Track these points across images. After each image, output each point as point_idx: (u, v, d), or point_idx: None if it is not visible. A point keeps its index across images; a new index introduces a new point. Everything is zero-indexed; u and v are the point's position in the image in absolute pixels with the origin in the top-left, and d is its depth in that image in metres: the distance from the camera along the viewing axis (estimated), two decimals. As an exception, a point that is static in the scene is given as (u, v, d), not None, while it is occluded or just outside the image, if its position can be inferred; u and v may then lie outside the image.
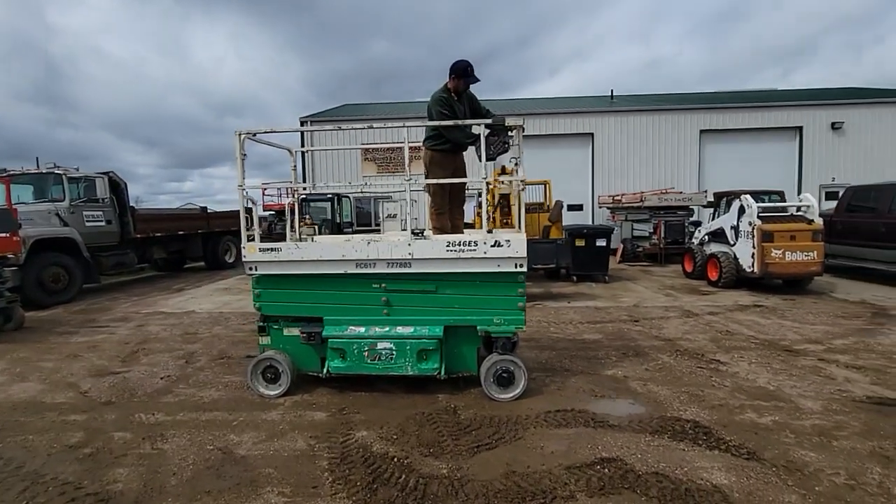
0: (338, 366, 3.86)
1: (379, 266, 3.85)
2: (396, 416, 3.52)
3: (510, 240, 3.67)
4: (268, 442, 3.17)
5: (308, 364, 4.10)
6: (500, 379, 3.79)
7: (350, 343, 3.83)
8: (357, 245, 3.85)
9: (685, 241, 12.14)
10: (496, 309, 3.82)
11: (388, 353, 3.81)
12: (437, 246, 3.76)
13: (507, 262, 3.71)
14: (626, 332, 5.80)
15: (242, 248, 4.05)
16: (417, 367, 3.78)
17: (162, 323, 6.83)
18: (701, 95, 20.42)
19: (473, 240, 3.72)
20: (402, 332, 3.84)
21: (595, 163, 16.71)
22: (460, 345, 3.97)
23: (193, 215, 12.63)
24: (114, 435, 3.30)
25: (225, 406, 3.78)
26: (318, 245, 4.00)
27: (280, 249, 3.93)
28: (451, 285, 3.86)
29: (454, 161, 4.53)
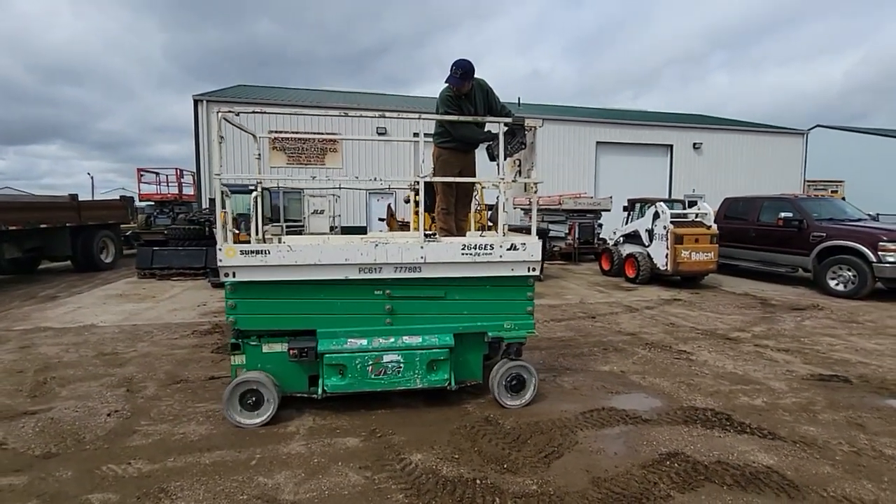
0: (337, 384, 3.44)
1: (385, 271, 3.50)
2: (438, 432, 3.27)
3: (525, 243, 3.63)
4: (312, 480, 2.68)
5: (294, 385, 3.56)
6: (511, 385, 3.71)
7: (352, 357, 3.44)
8: (363, 248, 3.47)
9: (594, 241, 13.45)
10: (507, 314, 3.71)
11: (395, 366, 3.50)
12: (452, 249, 3.54)
13: (520, 266, 3.65)
14: (591, 328, 6.19)
15: (219, 249, 3.36)
16: (427, 380, 3.54)
17: (57, 342, 5.37)
18: (597, 111, 22.79)
19: (489, 243, 3.60)
20: (409, 342, 3.56)
21: (508, 166, 17.56)
22: (467, 353, 3.80)
23: (60, 205, 10.18)
24: (89, 499, 2.49)
25: (224, 442, 3.11)
26: (317, 248, 3.53)
27: (269, 253, 3.36)
28: (461, 290, 3.66)
29: (463, 160, 4.36)
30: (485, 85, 4.20)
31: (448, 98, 4.04)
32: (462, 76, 3.90)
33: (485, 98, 4.21)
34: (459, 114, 3.98)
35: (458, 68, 3.89)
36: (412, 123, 16.75)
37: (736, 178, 19.26)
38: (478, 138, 4.19)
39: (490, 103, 4.26)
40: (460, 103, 4.06)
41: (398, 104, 18.07)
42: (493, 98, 4.26)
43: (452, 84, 3.97)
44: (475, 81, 4.07)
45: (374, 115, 3.85)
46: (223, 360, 4.74)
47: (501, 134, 3.73)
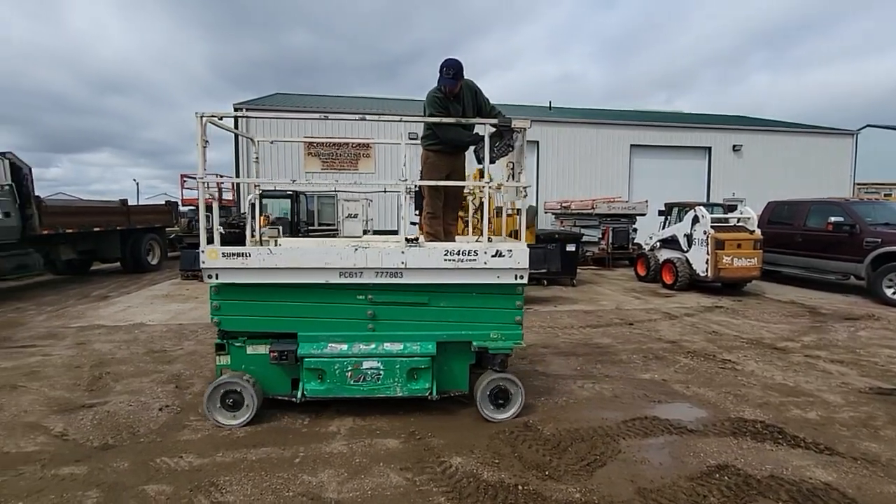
0: (315, 388, 3.41)
1: (366, 276, 3.42)
2: (477, 436, 3.25)
3: (512, 250, 3.44)
4: (355, 480, 2.72)
5: (276, 387, 3.56)
6: (496, 398, 3.53)
7: (331, 362, 3.39)
8: (342, 251, 3.40)
9: (629, 246, 13.14)
10: (493, 323, 3.53)
11: (374, 372, 3.42)
12: (434, 255, 3.41)
13: (507, 274, 3.45)
14: (629, 335, 6.04)
15: (201, 251, 3.38)
16: (407, 388, 3.44)
17: (110, 339, 5.66)
18: (631, 113, 22.32)
19: (473, 249, 3.44)
20: (390, 349, 3.47)
21: (539, 170, 17.42)
22: (452, 361, 3.64)
23: (111, 209, 10.74)
24: (145, 490, 2.60)
25: (269, 439, 3.19)
26: (296, 251, 3.51)
27: (250, 255, 3.37)
28: (445, 297, 3.52)
29: (451, 163, 4.22)
30: (473, 86, 4.06)
31: (436, 99, 3.89)
32: (454, 76, 3.76)
33: (473, 99, 4.06)
34: (446, 115, 3.84)
35: (449, 68, 3.73)
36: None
37: (779, 181, 18.42)
38: (464, 141, 4.03)
39: (479, 104, 4.11)
40: (448, 105, 3.92)
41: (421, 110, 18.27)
42: (482, 99, 4.11)
43: (445, 85, 3.81)
44: (464, 82, 3.94)
45: (355, 117, 3.83)
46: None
47: (487, 136, 3.59)
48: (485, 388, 3.51)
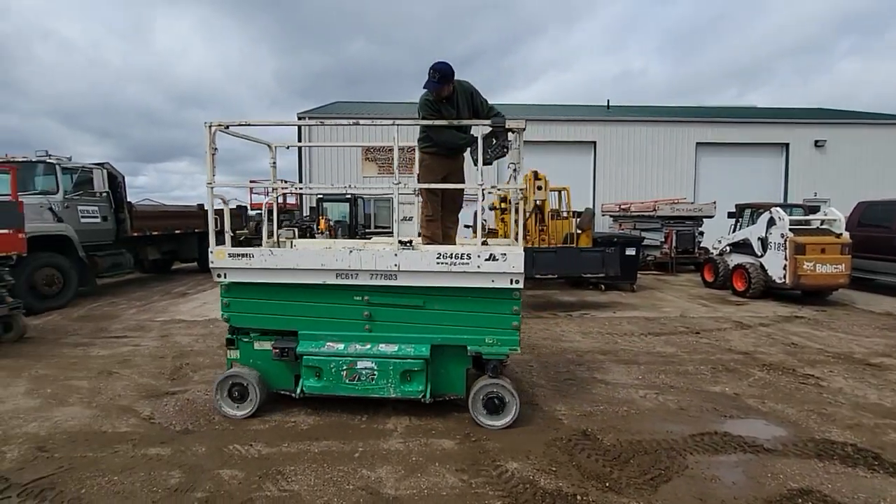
0: (313, 385, 3.49)
1: (362, 277, 3.46)
2: (533, 442, 3.20)
3: (506, 253, 3.34)
4: (412, 478, 2.76)
5: (281, 382, 3.69)
6: (489, 405, 3.42)
7: (327, 361, 3.46)
8: (338, 254, 3.46)
9: (694, 250, 12.39)
10: (489, 328, 3.46)
11: (368, 373, 3.44)
12: (427, 257, 3.39)
13: (501, 278, 3.36)
14: (696, 344, 5.69)
15: (210, 251, 3.57)
16: (400, 390, 3.44)
17: (189, 333, 6.15)
18: (697, 109, 21.10)
19: (466, 252, 3.36)
20: (384, 350, 3.49)
21: (597, 171, 16.88)
22: (448, 365, 3.59)
23: (190, 213, 11.71)
24: (220, 474, 2.80)
25: (330, 433, 3.32)
26: (294, 252, 3.61)
27: (252, 255, 3.51)
28: (440, 300, 3.50)
29: (448, 165, 4.17)
30: (469, 87, 4.00)
31: (427, 102, 3.88)
32: (440, 80, 3.71)
33: (469, 100, 4.00)
34: (438, 118, 3.81)
35: (435, 72, 3.70)
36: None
37: (869, 180, 16.58)
38: (457, 143, 4.00)
39: (476, 106, 4.03)
40: (440, 108, 3.89)
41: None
42: (478, 100, 4.04)
43: (430, 88, 3.78)
44: (457, 85, 3.90)
45: (349, 122, 3.92)
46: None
47: (480, 137, 3.52)
48: (477, 394, 3.43)
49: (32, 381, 4.35)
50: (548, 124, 16.91)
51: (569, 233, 9.98)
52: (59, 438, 3.24)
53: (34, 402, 3.86)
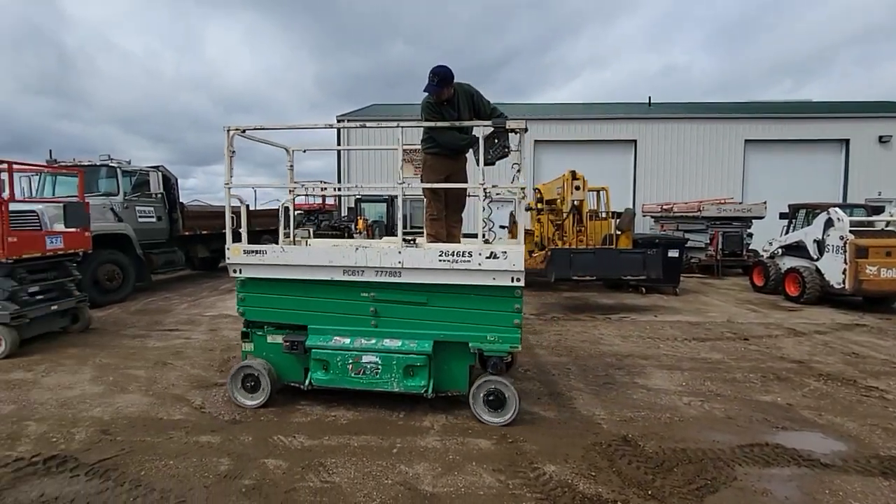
0: (320, 378, 3.64)
1: (367, 274, 3.58)
2: (571, 445, 3.15)
3: (507, 251, 3.37)
4: (448, 476, 2.78)
5: (291, 375, 3.84)
6: (489, 401, 3.47)
7: (334, 354, 3.59)
8: (345, 251, 3.58)
9: (742, 252, 11.81)
10: (490, 325, 3.50)
11: (373, 367, 3.56)
12: (429, 255, 3.46)
13: (503, 276, 3.40)
14: (744, 351, 5.42)
15: (227, 248, 3.76)
16: (403, 384, 3.52)
17: (235, 328, 6.43)
18: (746, 105, 20.10)
19: (468, 250, 3.42)
20: (389, 345, 3.58)
21: (637, 170, 16.38)
22: (451, 361, 3.65)
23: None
24: (266, 463, 2.92)
25: (368, 428, 3.40)
26: (305, 250, 3.76)
27: (265, 252, 3.68)
28: (443, 298, 3.56)
29: (450, 165, 4.25)
30: (469, 89, 4.09)
31: (428, 105, 3.99)
32: (439, 83, 3.84)
33: (469, 102, 4.08)
34: (440, 120, 3.89)
35: (434, 76, 3.83)
36: (531, 132, 16.61)
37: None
38: (459, 144, 4.10)
39: (477, 107, 4.10)
40: (441, 110, 3.99)
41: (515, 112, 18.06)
42: (480, 102, 4.11)
43: (430, 92, 3.90)
44: (458, 87, 4.00)
45: (356, 125, 3.95)
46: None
47: (481, 138, 3.54)
48: (478, 390, 3.49)
49: (97, 369, 4.68)
50: (586, 123, 16.56)
51: (608, 234, 9.73)
52: (121, 423, 3.47)
53: (98, 389, 4.16)
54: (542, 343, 5.71)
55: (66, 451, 3.04)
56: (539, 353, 5.31)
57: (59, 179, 8.69)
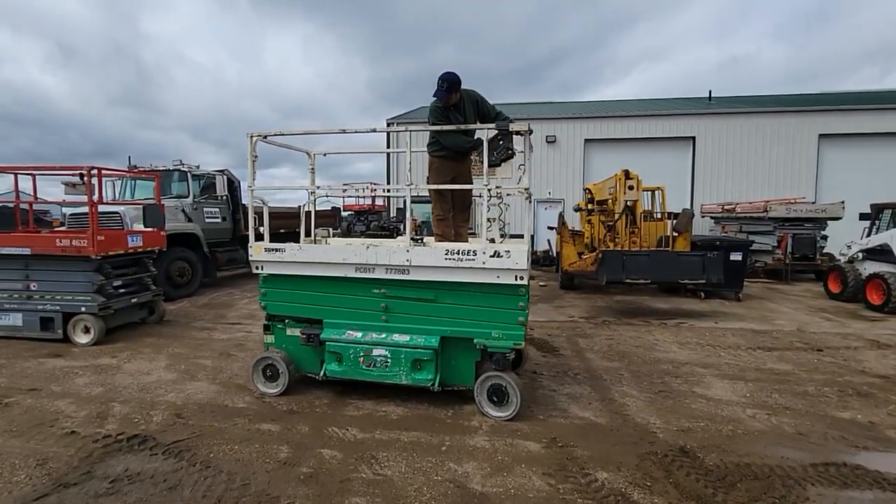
0: (334, 369, 3.82)
1: (378, 271, 3.76)
2: (624, 454, 3.06)
3: (510, 251, 3.45)
4: (498, 476, 2.79)
5: (308, 366, 4.06)
6: (492, 396, 3.58)
7: (347, 347, 3.77)
8: (357, 249, 3.78)
9: (815, 256, 10.92)
10: (495, 322, 3.60)
11: (382, 360, 3.72)
12: (436, 254, 3.61)
13: (506, 274, 3.49)
14: (817, 363, 5.02)
15: (250, 247, 4.04)
16: (411, 377, 3.67)
17: (291, 323, 6.76)
18: (821, 97, 18.58)
19: (473, 249, 3.54)
20: (398, 339, 3.74)
21: (696, 169, 15.56)
22: (458, 357, 3.77)
23: (292, 214, 12.81)
24: (322, 453, 3.05)
25: (417, 425, 3.46)
26: (320, 248, 4.00)
27: (284, 250, 3.94)
28: (450, 295, 3.70)
29: (456, 167, 4.41)
30: (475, 95, 4.27)
31: (437, 109, 4.19)
32: (448, 88, 4.02)
33: (475, 107, 4.25)
34: (447, 124, 4.08)
35: (443, 81, 4.00)
36: (581, 131, 16.23)
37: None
38: (465, 146, 4.24)
39: (482, 112, 4.26)
40: (448, 114, 4.18)
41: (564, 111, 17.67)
42: (484, 107, 4.28)
43: (439, 97, 4.08)
44: (464, 93, 4.17)
45: (367, 130, 4.09)
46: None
47: (486, 140, 3.62)
48: (482, 384, 3.61)
49: (170, 358, 5.08)
50: (639, 120, 15.92)
51: (663, 235, 9.30)
52: (192, 408, 3.75)
53: (172, 376, 4.51)
54: (593, 347, 5.57)
55: (145, 432, 3.33)
56: (590, 357, 5.18)
57: (139, 183, 9.50)
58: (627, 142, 16.02)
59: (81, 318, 5.58)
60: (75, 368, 4.73)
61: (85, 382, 4.34)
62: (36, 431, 3.35)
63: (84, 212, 6.86)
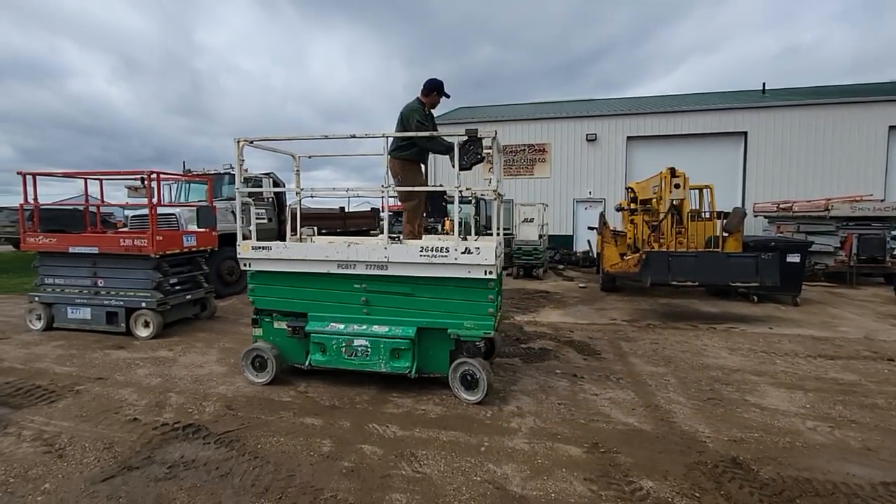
0: (318, 359, 4.09)
1: (359, 267, 4.04)
2: (671, 462, 2.94)
3: (480, 248, 3.75)
4: (537, 479, 2.75)
5: (294, 356, 4.33)
6: (465, 381, 3.87)
7: (330, 338, 4.05)
8: (339, 247, 4.08)
9: (884, 258, 10.09)
10: (467, 314, 3.87)
11: (363, 349, 3.99)
12: (412, 251, 3.89)
13: (476, 269, 3.75)
14: (888, 374, 4.63)
15: (238, 245, 4.28)
16: (390, 365, 3.95)
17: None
18: (891, 86, 17.18)
19: (445, 246, 3.82)
20: (377, 330, 4.00)
21: (748, 165, 14.75)
22: (433, 346, 4.04)
23: (334, 215, 13.21)
24: (363, 448, 3.12)
25: (456, 424, 3.47)
26: (304, 245, 4.28)
27: (271, 248, 4.20)
28: (425, 289, 3.96)
29: (421, 170, 4.82)
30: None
31: (419, 110, 4.53)
32: (439, 93, 4.62)
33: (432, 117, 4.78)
34: (427, 124, 4.51)
35: (441, 87, 4.62)
36: (624, 128, 15.75)
37: None
38: (445, 145, 4.46)
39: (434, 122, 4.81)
40: (427, 117, 4.59)
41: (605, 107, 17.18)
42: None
43: (438, 100, 4.66)
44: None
45: (346, 136, 4.19)
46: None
47: (457, 146, 3.89)
48: (455, 371, 3.91)
49: (221, 352, 5.34)
50: (686, 115, 15.26)
51: (712, 236, 8.88)
52: (241, 401, 3.93)
53: (222, 369, 4.74)
54: (637, 351, 5.39)
55: (199, 421, 3.52)
56: (633, 361, 5.02)
57: (192, 186, 10.04)
58: (673, 138, 15.41)
59: (142, 313, 5.96)
60: (136, 360, 5.06)
61: (145, 373, 4.63)
62: (103, 417, 3.61)
63: (144, 213, 7.32)
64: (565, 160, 16.21)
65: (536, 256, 11.49)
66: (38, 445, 3.17)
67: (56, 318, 6.31)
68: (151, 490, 2.65)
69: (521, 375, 4.54)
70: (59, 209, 8.13)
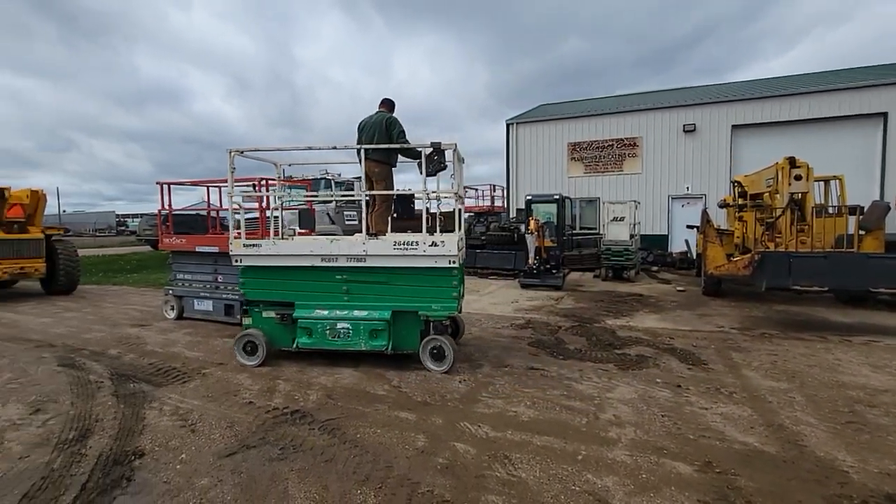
0: (305, 341, 4.70)
1: (340, 260, 4.63)
2: (805, 491, 2.57)
3: (444, 241, 4.37)
4: (643, 496, 2.56)
5: (281, 341, 4.90)
6: (433, 354, 4.55)
7: (315, 323, 4.66)
8: (322, 243, 4.67)
9: None
10: (434, 298, 4.52)
11: (345, 331, 4.61)
12: (387, 245, 4.52)
13: (442, 259, 4.41)
14: None
15: (230, 243, 4.79)
16: (369, 344, 4.58)
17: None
18: None
19: (415, 240, 4.43)
20: (357, 314, 4.63)
21: (887, 152, 12.61)
22: (406, 326, 4.68)
23: (417, 216, 13.58)
24: (456, 446, 3.13)
25: (549, 429, 3.36)
26: (291, 242, 4.83)
27: (261, 245, 4.74)
28: (399, 277, 4.59)
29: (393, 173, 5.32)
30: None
31: (399, 122, 5.10)
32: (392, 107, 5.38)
33: None
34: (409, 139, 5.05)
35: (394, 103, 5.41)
36: (728, 116, 14.26)
37: None
38: (413, 156, 4.98)
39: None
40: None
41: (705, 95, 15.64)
42: None
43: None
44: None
45: (328, 147, 4.79)
46: (539, 354, 5.20)
47: (423, 156, 4.54)
48: (425, 345, 4.59)
49: (319, 345, 5.71)
50: (804, 98, 13.40)
51: (842, 234, 7.70)
52: (340, 391, 4.16)
53: (322, 361, 5.06)
54: (752, 363, 4.83)
55: (304, 408, 3.78)
56: (748, 374, 4.51)
57: (293, 191, 10.93)
58: (788, 125, 13.65)
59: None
60: (249, 349, 5.59)
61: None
62: (225, 398, 4.03)
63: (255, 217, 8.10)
64: (658, 154, 15.08)
65: (627, 257, 10.84)
66: (175, 420, 3.62)
67: (185, 308, 7.20)
68: (267, 469, 2.89)
69: (617, 382, 4.28)
70: (186, 214, 9.30)
